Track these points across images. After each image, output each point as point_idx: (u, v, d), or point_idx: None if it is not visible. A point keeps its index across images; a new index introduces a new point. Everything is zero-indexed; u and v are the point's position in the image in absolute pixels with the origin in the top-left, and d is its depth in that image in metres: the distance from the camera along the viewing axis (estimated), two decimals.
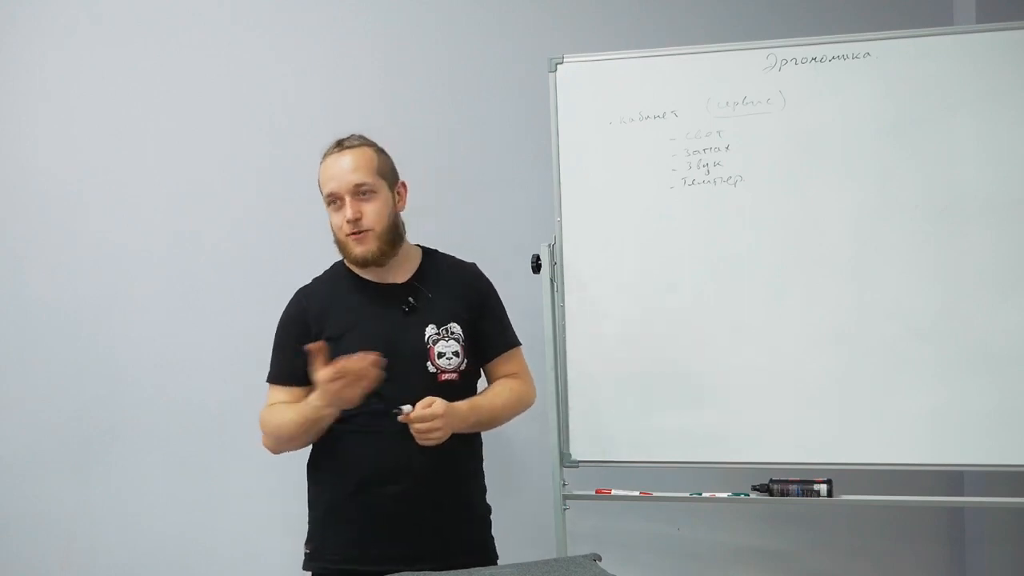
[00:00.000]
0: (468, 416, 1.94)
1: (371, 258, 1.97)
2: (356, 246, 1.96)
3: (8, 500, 2.83)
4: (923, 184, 2.37)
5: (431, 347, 1.96)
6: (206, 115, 2.89)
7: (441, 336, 1.97)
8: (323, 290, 2.06)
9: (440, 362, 1.96)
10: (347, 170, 1.96)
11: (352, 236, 1.96)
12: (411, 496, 1.91)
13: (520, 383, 2.10)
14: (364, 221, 1.95)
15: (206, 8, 2.89)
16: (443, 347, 1.97)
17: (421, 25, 2.93)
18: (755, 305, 2.43)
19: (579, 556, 1.86)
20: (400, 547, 1.91)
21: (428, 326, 1.97)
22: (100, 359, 2.85)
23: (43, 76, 2.86)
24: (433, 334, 1.97)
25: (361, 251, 1.96)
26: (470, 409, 1.95)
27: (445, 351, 1.97)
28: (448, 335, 1.98)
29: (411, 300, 1.99)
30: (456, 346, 1.98)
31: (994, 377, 2.32)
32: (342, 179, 1.96)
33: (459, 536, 1.98)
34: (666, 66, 2.49)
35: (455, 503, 1.98)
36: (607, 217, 2.50)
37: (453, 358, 1.97)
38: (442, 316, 1.99)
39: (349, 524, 1.95)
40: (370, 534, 1.93)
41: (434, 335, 1.97)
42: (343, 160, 1.97)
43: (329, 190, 1.98)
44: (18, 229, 2.86)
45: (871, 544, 2.92)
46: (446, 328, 1.98)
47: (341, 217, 1.96)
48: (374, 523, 1.92)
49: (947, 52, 2.37)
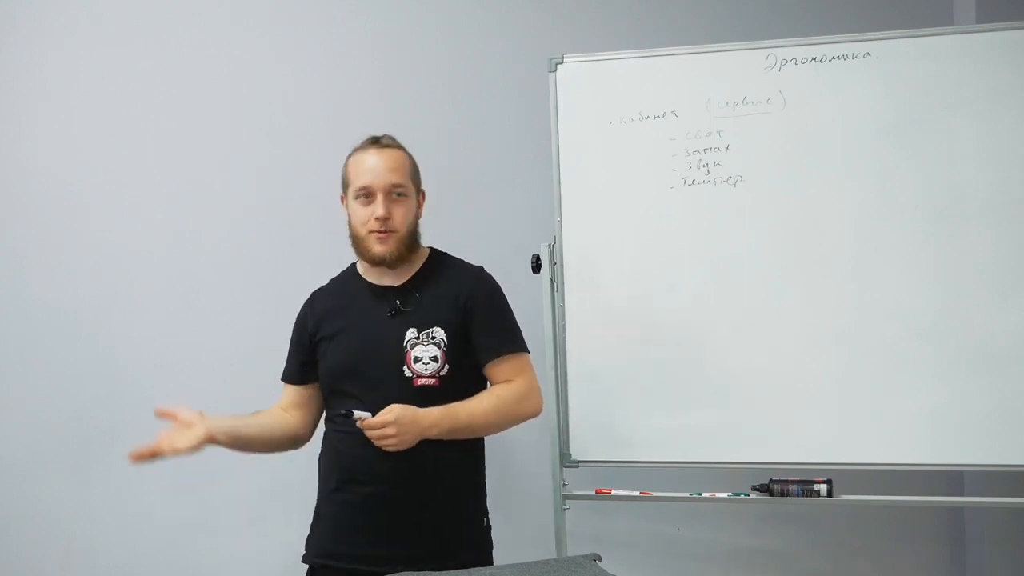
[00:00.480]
0: (439, 421, 1.89)
1: (389, 259, 1.96)
2: (377, 244, 1.96)
3: (8, 500, 2.83)
4: (923, 184, 2.37)
5: (408, 351, 1.94)
6: (206, 115, 2.89)
7: (420, 340, 1.95)
8: (330, 291, 2.09)
9: (416, 367, 1.94)
10: (385, 168, 1.96)
11: (376, 234, 1.95)
12: (384, 497, 1.90)
13: (511, 389, 2.00)
14: (392, 222, 1.95)
15: (206, 8, 2.89)
16: (420, 352, 1.94)
17: (421, 25, 2.93)
18: (755, 305, 2.43)
19: (579, 556, 1.86)
20: (376, 547, 1.90)
21: (408, 330, 1.95)
22: (100, 359, 2.85)
23: (43, 76, 2.86)
24: (412, 338, 1.95)
25: (381, 251, 1.96)
26: (443, 415, 1.90)
27: (422, 356, 1.94)
28: (428, 340, 1.95)
29: (397, 303, 1.98)
30: (435, 351, 1.95)
31: (994, 377, 2.32)
32: (379, 176, 1.95)
33: (442, 539, 1.93)
34: (666, 66, 2.49)
35: (438, 506, 1.93)
36: (607, 217, 2.50)
37: (430, 363, 1.94)
38: (425, 320, 1.96)
39: (326, 520, 1.98)
40: (345, 531, 1.94)
41: (413, 339, 1.95)
42: (382, 157, 1.97)
43: (363, 183, 1.96)
44: (18, 229, 2.86)
45: (871, 544, 2.92)
46: (427, 332, 1.96)
47: (369, 213, 1.95)
48: (346, 521, 1.94)
49: (947, 52, 2.37)
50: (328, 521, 1.98)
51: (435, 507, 1.93)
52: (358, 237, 1.98)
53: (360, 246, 1.99)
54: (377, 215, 1.94)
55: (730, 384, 2.44)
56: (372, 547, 1.90)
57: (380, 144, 1.99)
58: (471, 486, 2.02)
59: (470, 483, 2.02)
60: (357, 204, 1.97)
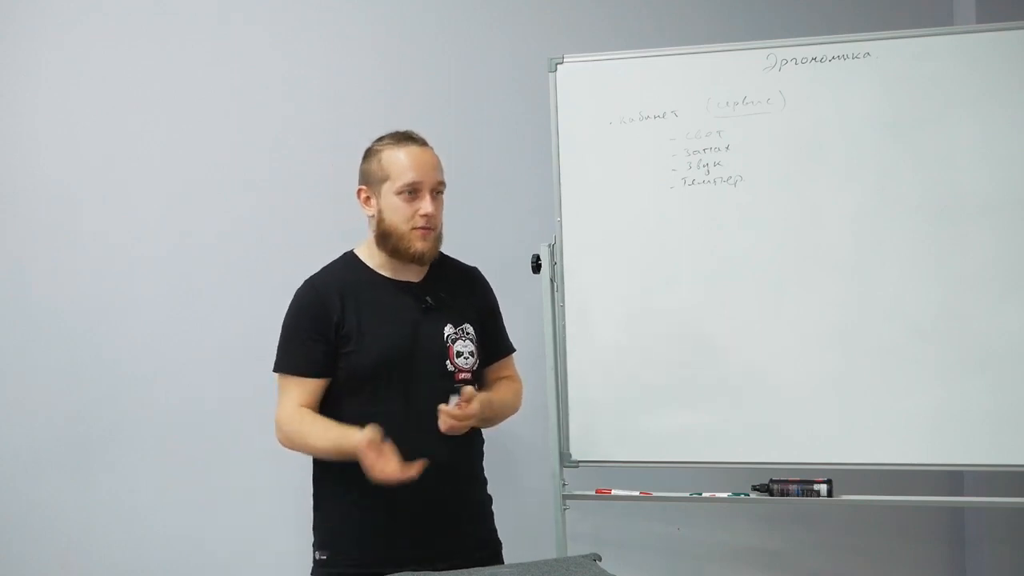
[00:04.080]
0: (484, 411, 1.95)
1: (427, 256, 1.97)
2: (420, 241, 1.94)
3: (8, 500, 2.82)
4: (923, 184, 2.37)
5: (450, 346, 1.97)
6: (206, 115, 2.88)
7: (459, 335, 1.99)
8: (340, 279, 2.01)
9: (459, 361, 1.97)
10: (432, 166, 1.97)
11: (420, 231, 1.94)
12: (426, 496, 1.90)
13: (518, 386, 2.14)
14: (435, 219, 1.96)
15: (206, 8, 2.89)
16: (461, 346, 1.98)
17: (421, 25, 2.93)
18: (755, 305, 2.43)
19: (579, 556, 1.86)
20: (419, 548, 1.90)
21: (446, 325, 1.98)
22: (100, 359, 2.84)
23: (43, 76, 2.86)
24: (452, 333, 1.98)
25: (422, 247, 1.95)
26: (486, 404, 1.95)
27: (463, 350, 1.98)
28: (464, 335, 2.00)
29: (428, 299, 1.99)
30: (472, 346, 2.00)
31: (994, 377, 2.32)
32: (427, 173, 1.95)
33: (474, 533, 2.01)
34: (666, 66, 2.49)
35: (469, 499, 2.00)
36: (607, 217, 2.50)
37: (469, 358, 1.99)
38: (458, 316, 2.00)
39: (367, 527, 1.92)
40: (389, 535, 1.91)
41: (452, 334, 1.98)
42: (426, 155, 1.97)
43: (412, 179, 1.93)
44: (18, 229, 2.86)
45: (871, 544, 2.92)
46: (462, 328, 2.00)
47: (414, 209, 1.93)
48: (392, 524, 1.91)
49: (947, 52, 2.37)
50: (367, 528, 1.92)
51: (468, 500, 2.00)
52: (398, 233, 1.94)
53: (400, 242, 1.95)
54: (426, 212, 1.93)
55: (730, 384, 2.44)
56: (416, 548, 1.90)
57: (417, 141, 2.00)
58: (484, 476, 2.09)
59: (483, 474, 2.08)
60: (399, 199, 1.94)
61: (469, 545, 1.97)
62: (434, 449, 1.86)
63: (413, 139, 2.00)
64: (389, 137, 2.00)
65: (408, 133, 2.01)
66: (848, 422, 2.39)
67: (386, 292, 1.99)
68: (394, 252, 1.97)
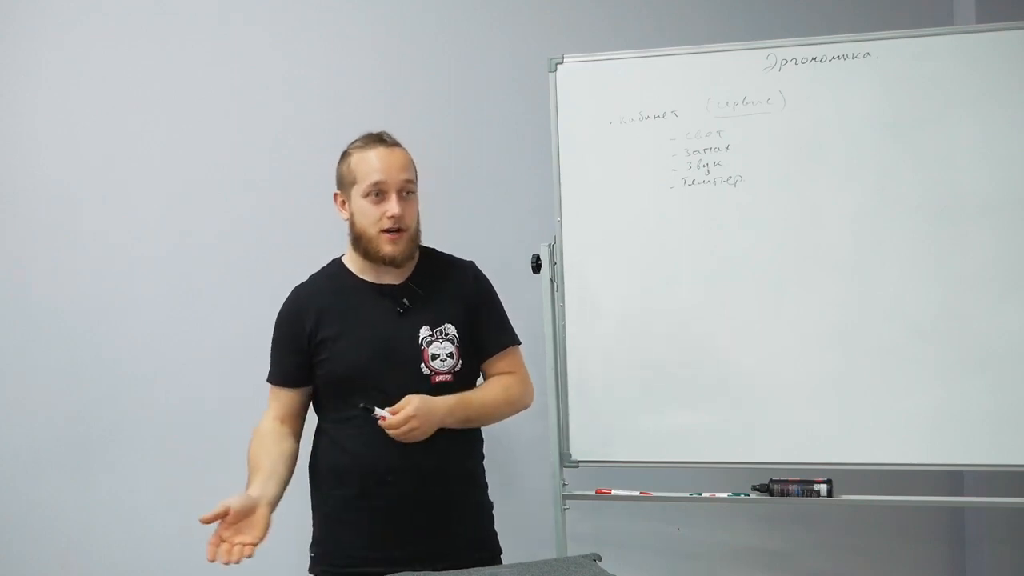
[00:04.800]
0: (454, 410, 1.91)
1: (399, 259, 1.94)
2: (388, 244, 1.92)
3: (8, 500, 2.83)
4: (923, 184, 2.37)
5: (424, 349, 1.94)
6: (206, 115, 2.89)
7: (435, 337, 1.95)
8: (321, 288, 2.02)
9: (434, 364, 1.94)
10: (398, 166, 1.93)
11: (388, 233, 1.92)
12: (414, 496, 1.90)
13: (515, 381, 2.05)
14: (404, 220, 1.93)
15: (206, 8, 2.89)
16: (437, 348, 1.95)
17: (421, 25, 2.93)
18: (755, 305, 2.43)
19: (579, 556, 1.86)
20: (407, 548, 1.90)
21: (422, 327, 1.95)
22: (100, 359, 2.85)
23: (43, 76, 2.86)
24: (427, 335, 1.95)
25: (391, 250, 1.93)
26: (457, 403, 1.92)
27: (439, 353, 1.95)
28: (442, 336, 1.96)
29: (405, 302, 1.97)
30: (450, 347, 1.96)
31: (994, 377, 2.32)
32: (392, 174, 1.92)
33: (465, 533, 1.97)
34: (666, 66, 2.49)
35: (459, 500, 1.97)
36: (607, 217, 2.50)
37: (447, 359, 1.95)
38: (436, 317, 1.97)
39: (354, 527, 1.94)
40: (377, 536, 1.91)
41: (428, 336, 1.95)
42: (393, 156, 1.94)
43: (376, 180, 1.92)
44: (18, 229, 2.86)
45: (871, 544, 2.92)
46: (440, 329, 1.96)
47: (381, 211, 1.92)
48: (379, 524, 1.91)
49: (947, 52, 2.37)
50: (354, 528, 1.93)
51: (461, 501, 1.96)
52: (367, 236, 1.94)
53: (369, 245, 1.94)
54: (392, 213, 1.91)
55: (730, 384, 2.44)
56: (404, 548, 1.89)
57: (386, 142, 1.97)
58: (483, 479, 2.06)
59: (481, 476, 2.06)
60: (366, 202, 1.93)
61: (460, 545, 1.94)
62: (416, 452, 1.87)
63: (383, 140, 1.97)
64: (360, 139, 1.99)
65: (379, 135, 1.98)
66: (848, 422, 2.39)
67: (366, 297, 1.98)
68: (367, 255, 1.96)
